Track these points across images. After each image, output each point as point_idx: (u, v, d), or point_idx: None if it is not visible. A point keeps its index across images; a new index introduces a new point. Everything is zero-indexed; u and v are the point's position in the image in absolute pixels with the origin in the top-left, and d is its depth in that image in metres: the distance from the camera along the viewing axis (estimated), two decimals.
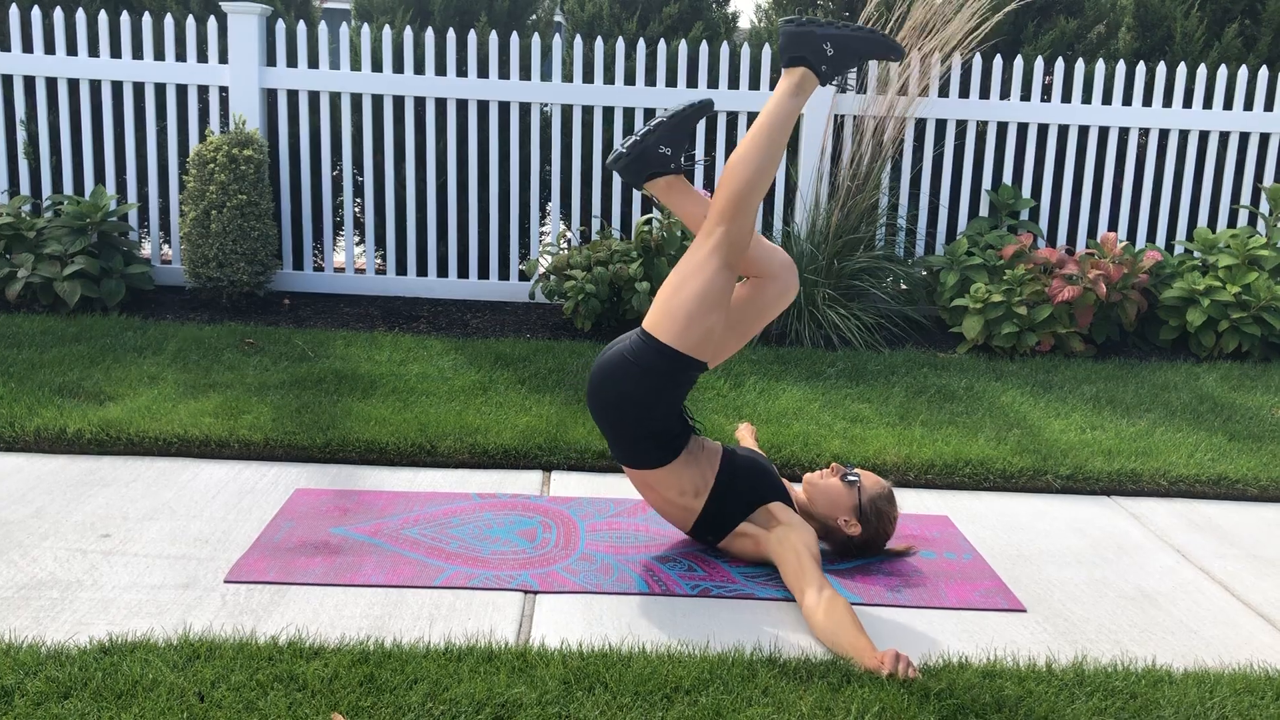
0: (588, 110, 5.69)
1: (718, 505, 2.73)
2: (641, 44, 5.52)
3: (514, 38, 5.48)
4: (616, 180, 5.62)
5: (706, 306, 2.59)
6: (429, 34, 5.45)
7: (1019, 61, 5.60)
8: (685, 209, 2.86)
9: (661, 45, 5.51)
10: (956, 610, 2.61)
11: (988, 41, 5.78)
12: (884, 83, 5.49)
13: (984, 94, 5.76)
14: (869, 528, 2.78)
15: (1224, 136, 5.85)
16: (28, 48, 5.62)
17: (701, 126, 5.59)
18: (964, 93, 5.76)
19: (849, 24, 2.71)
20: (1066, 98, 5.78)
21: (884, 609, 2.60)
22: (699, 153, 5.63)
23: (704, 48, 5.50)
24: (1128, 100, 5.87)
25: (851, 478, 2.79)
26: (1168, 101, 5.87)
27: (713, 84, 5.68)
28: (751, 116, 5.67)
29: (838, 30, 2.68)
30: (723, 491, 2.73)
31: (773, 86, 5.70)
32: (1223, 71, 5.65)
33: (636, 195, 5.66)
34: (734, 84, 5.73)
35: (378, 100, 5.63)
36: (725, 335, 2.76)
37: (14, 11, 5.38)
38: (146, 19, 5.41)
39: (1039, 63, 5.62)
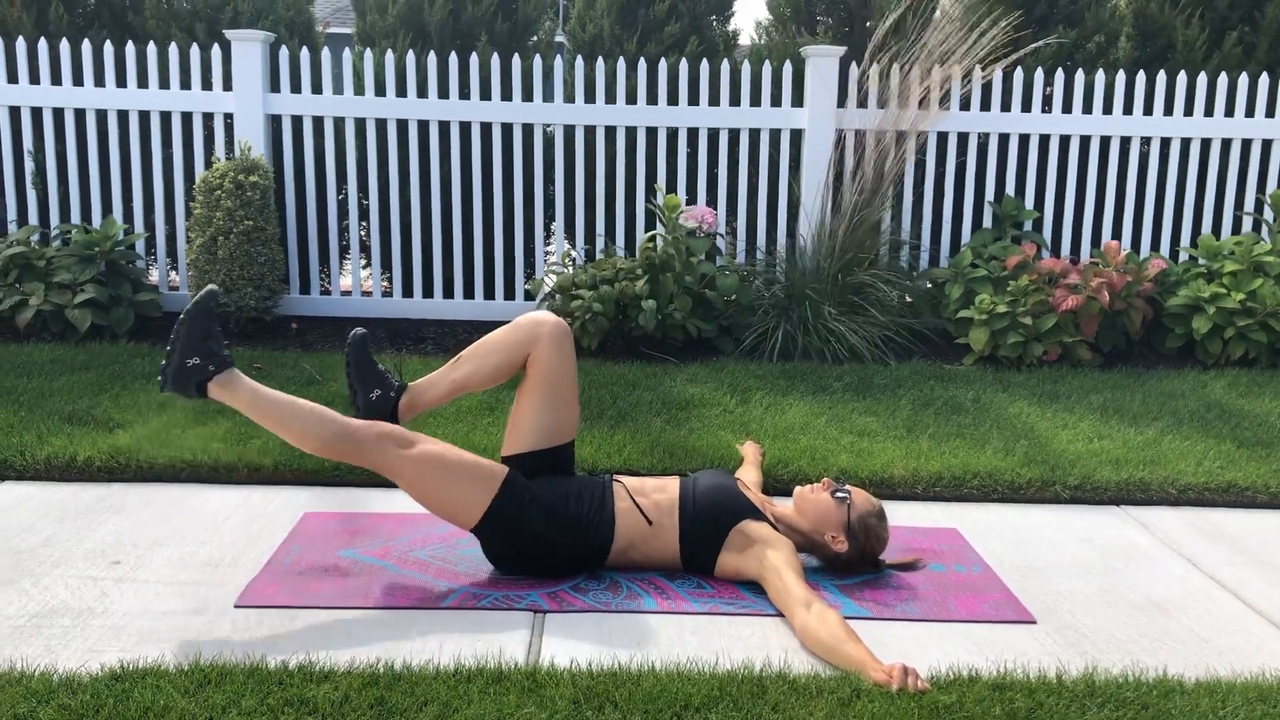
0: (590, 130, 5.72)
1: (690, 539, 2.74)
2: (643, 63, 5.55)
3: (515, 59, 5.51)
4: (620, 198, 5.65)
5: (451, 479, 2.63)
6: (431, 57, 5.49)
7: (1020, 73, 5.62)
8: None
9: (662, 64, 5.54)
10: (966, 623, 2.61)
11: (987, 54, 5.80)
12: (885, 99, 5.51)
13: (985, 106, 5.77)
14: (855, 545, 2.77)
15: (1226, 144, 5.85)
16: (35, 79, 5.67)
17: (703, 141, 5.61)
18: (965, 105, 5.78)
19: (173, 334, 2.63)
20: (1068, 108, 5.79)
21: (893, 622, 2.60)
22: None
23: (704, 65, 5.53)
24: (1129, 109, 5.88)
25: (841, 494, 2.79)
26: (1169, 110, 5.88)
27: (714, 101, 5.70)
28: (753, 134, 5.69)
29: (173, 345, 2.62)
30: (689, 525, 2.74)
31: (774, 103, 5.73)
32: (1223, 79, 5.66)
33: (640, 213, 5.68)
34: (734, 101, 5.75)
35: (381, 124, 5.67)
36: (559, 412, 2.81)
37: (20, 44, 5.43)
38: (151, 48, 5.46)
39: (1039, 74, 5.64)
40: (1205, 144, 5.85)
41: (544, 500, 2.71)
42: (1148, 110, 5.88)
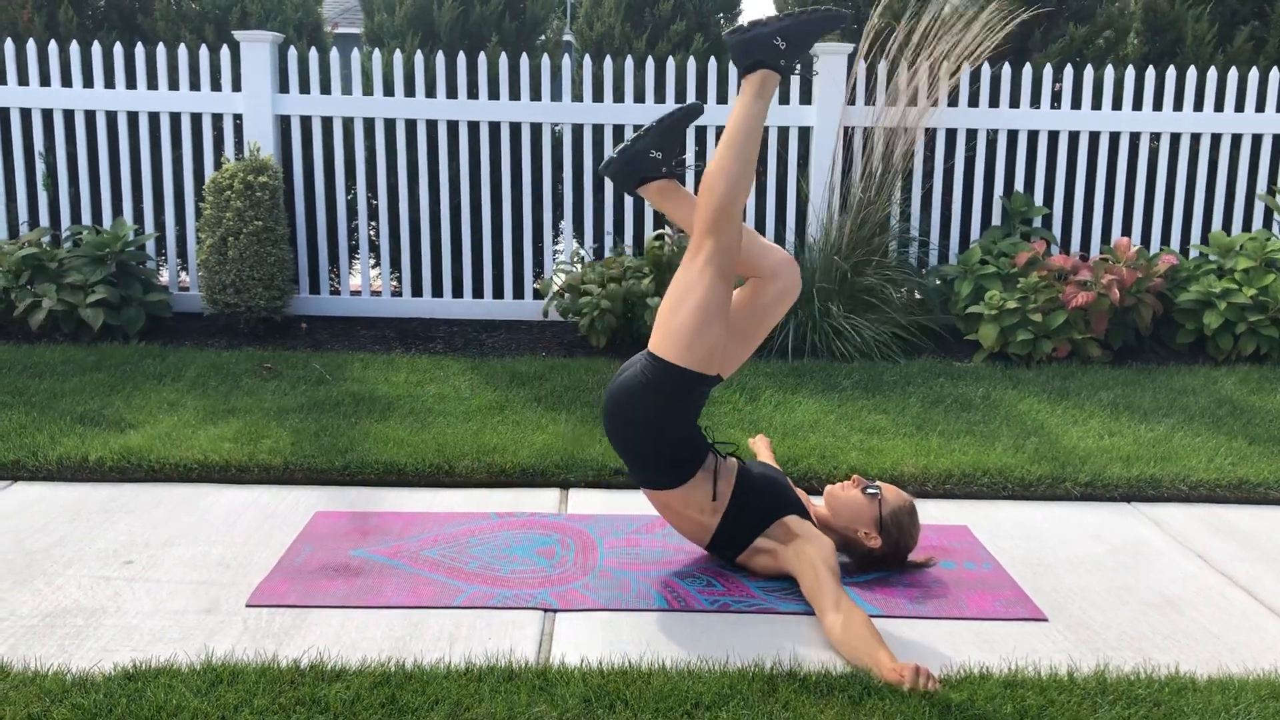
0: (598, 129, 5.72)
1: (734, 521, 2.74)
2: (650, 62, 5.55)
3: (523, 59, 5.52)
4: (628, 197, 5.65)
5: (707, 320, 2.59)
6: (439, 57, 5.49)
7: (1028, 69, 5.60)
8: (678, 213, 2.88)
9: (670, 63, 5.54)
10: (977, 620, 2.61)
11: (996, 50, 5.78)
12: (894, 94, 5.50)
13: (994, 102, 5.76)
14: (889, 540, 2.77)
15: (1236, 139, 5.83)
16: (45, 81, 5.70)
17: (711, 139, 5.61)
18: (974, 102, 5.76)
19: (789, 13, 2.73)
20: (1077, 104, 5.77)
21: (905, 620, 2.59)
22: (690, 157, 5.65)
23: (713, 63, 5.53)
24: (1138, 105, 5.86)
25: (872, 490, 2.79)
26: (1178, 105, 5.85)
27: (721, 99, 5.70)
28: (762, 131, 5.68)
29: (782, 23, 2.70)
30: (738, 507, 2.73)
31: (782, 100, 5.72)
32: (1233, 74, 5.64)
33: (648, 212, 5.68)
34: None
35: (390, 124, 5.68)
36: (732, 344, 2.75)
37: (31, 46, 5.45)
38: (160, 49, 5.48)
39: (1048, 70, 5.62)
40: (1215, 139, 5.82)
41: (689, 412, 2.68)
42: (1157, 106, 5.86)
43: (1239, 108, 5.82)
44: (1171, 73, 5.63)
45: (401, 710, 2.08)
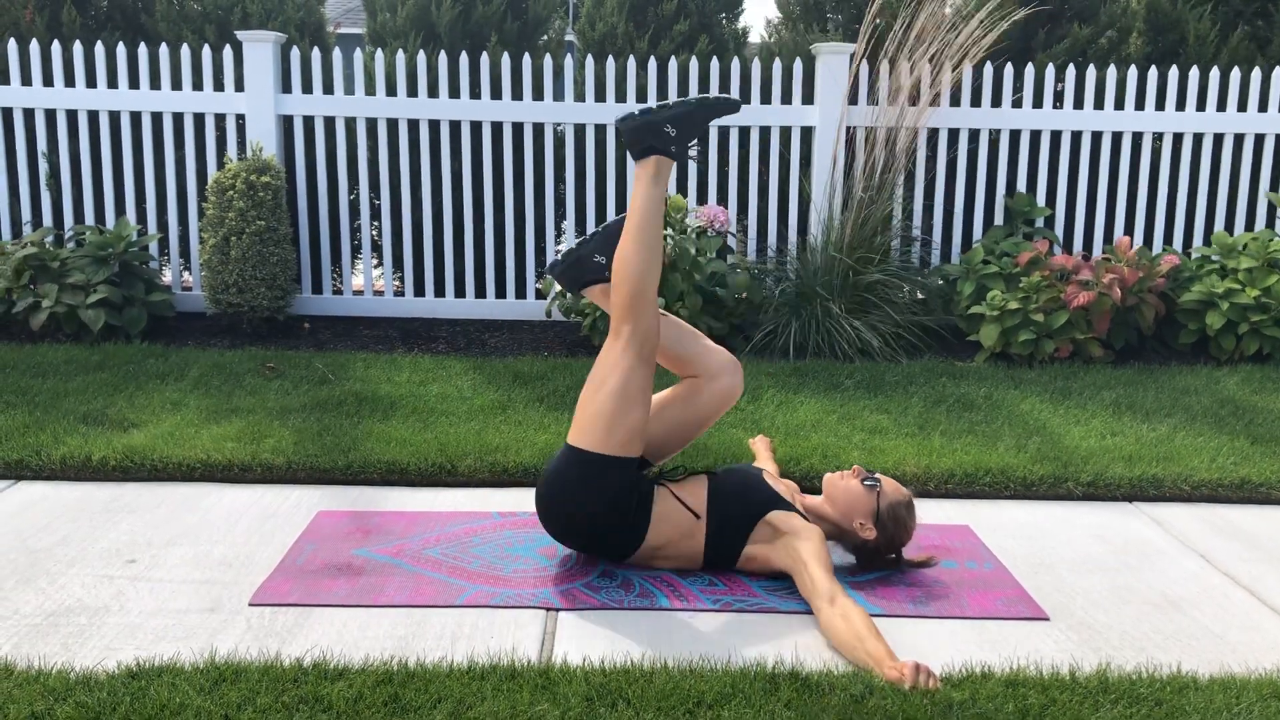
0: (600, 129, 5.73)
1: (719, 534, 2.74)
2: (653, 62, 5.55)
3: (526, 59, 5.52)
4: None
5: (626, 405, 2.63)
6: (442, 57, 5.50)
7: (1030, 69, 5.60)
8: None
9: (672, 63, 5.54)
10: (979, 620, 2.61)
11: (998, 49, 5.78)
12: (895, 93, 5.50)
13: (996, 102, 5.76)
14: (884, 533, 2.77)
15: (1238, 139, 5.83)
16: (48, 81, 5.71)
17: (714, 139, 5.61)
18: (975, 102, 5.76)
19: (681, 100, 2.77)
20: (1079, 104, 5.77)
21: (906, 619, 2.59)
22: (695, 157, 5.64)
23: (714, 64, 5.53)
24: (1140, 105, 5.86)
25: (871, 482, 2.79)
26: (1181, 105, 5.85)
27: None
28: (763, 132, 5.69)
29: (673, 110, 2.75)
30: (719, 519, 2.74)
31: (784, 100, 5.72)
32: (1235, 74, 5.64)
33: None
34: (745, 99, 5.74)
35: (392, 124, 5.68)
36: (666, 435, 2.82)
37: (34, 46, 5.46)
38: (163, 49, 5.49)
39: (1050, 70, 5.62)
40: (1218, 139, 5.82)
41: (624, 496, 2.70)
42: (1160, 105, 5.86)
43: (1241, 108, 5.82)
44: (1174, 73, 5.63)
45: (404, 709, 2.08)
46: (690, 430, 2.86)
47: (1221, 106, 5.83)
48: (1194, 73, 5.64)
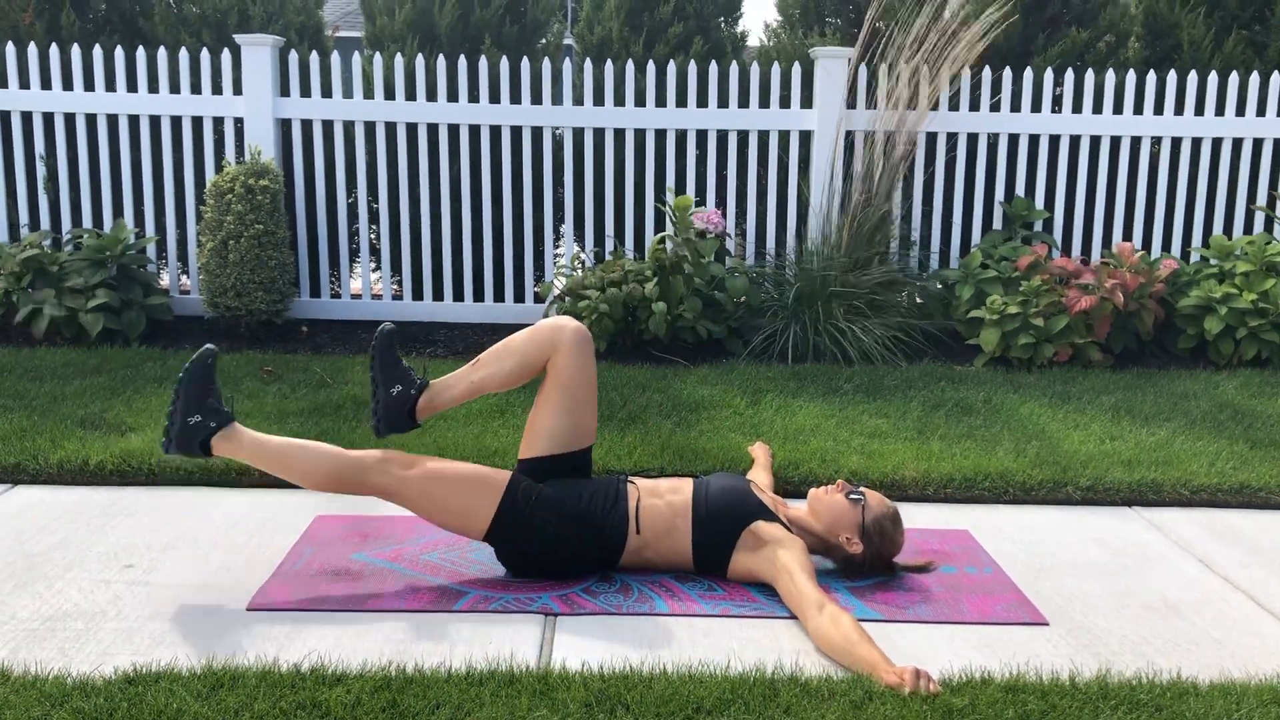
0: (599, 133, 5.73)
1: (706, 537, 2.74)
2: (651, 65, 5.55)
3: (524, 63, 5.52)
4: (630, 201, 5.65)
5: (454, 492, 2.67)
6: (440, 61, 5.50)
7: (1029, 73, 5.61)
8: (457, 394, 2.87)
9: (671, 66, 5.54)
10: (978, 625, 2.60)
11: (997, 53, 5.79)
12: (895, 100, 5.50)
13: (994, 106, 5.77)
14: (870, 546, 2.77)
15: (1237, 143, 5.83)
16: (46, 84, 5.70)
17: (712, 143, 5.61)
18: (974, 105, 5.77)
19: (175, 393, 2.70)
20: (1077, 108, 5.78)
21: (905, 624, 2.59)
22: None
23: (713, 67, 5.53)
24: (1139, 109, 5.86)
25: (855, 496, 2.78)
26: (1179, 109, 5.85)
27: (722, 103, 5.70)
28: (762, 136, 5.69)
29: (175, 406, 2.69)
30: (706, 523, 2.74)
31: (783, 104, 5.72)
32: (1234, 78, 5.64)
33: (650, 215, 5.68)
34: (744, 102, 5.75)
35: (391, 127, 5.68)
36: (579, 417, 2.81)
37: (32, 49, 5.46)
38: (161, 53, 5.49)
39: (1049, 74, 5.63)
40: (1216, 143, 5.82)
41: (553, 499, 2.71)
42: (1158, 110, 5.86)
43: (1239, 112, 5.82)
44: (1172, 77, 5.63)
45: (402, 714, 2.07)
46: (588, 397, 2.84)
47: (1219, 111, 5.83)
48: (1192, 77, 5.64)
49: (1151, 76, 5.64)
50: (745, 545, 2.72)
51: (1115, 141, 5.82)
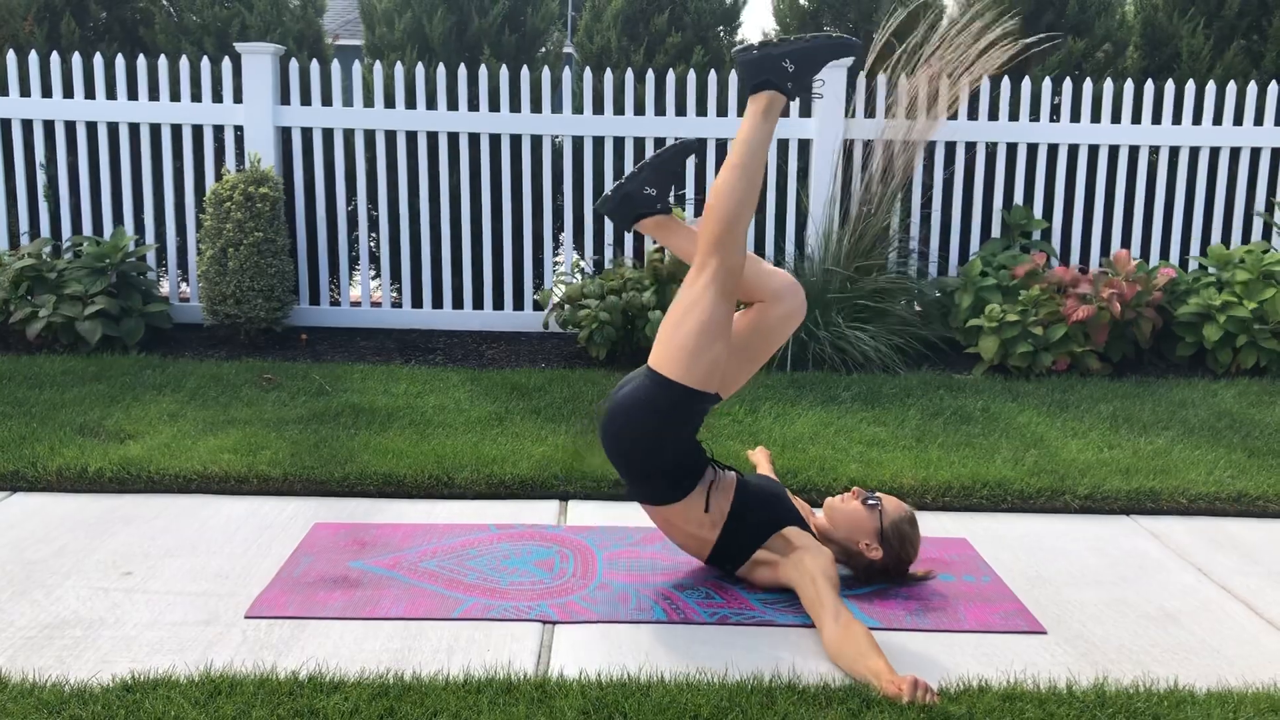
0: (598, 141, 5.74)
1: (733, 534, 2.74)
2: (650, 74, 5.57)
3: (524, 71, 5.54)
4: None
5: (709, 338, 2.60)
6: (440, 70, 5.51)
7: (1028, 82, 5.62)
8: (678, 245, 2.89)
9: (670, 75, 5.56)
10: (976, 633, 2.60)
11: (1000, 66, 5.80)
12: (893, 109, 5.51)
13: (993, 115, 5.78)
14: (890, 551, 2.77)
15: (1235, 152, 5.84)
16: (47, 92, 5.71)
17: (712, 152, 5.62)
18: (973, 115, 5.78)
19: (800, 36, 2.75)
20: (1076, 117, 5.79)
21: (903, 633, 2.59)
22: (690, 190, 5.66)
23: (713, 75, 5.55)
24: (1137, 119, 5.88)
25: (872, 501, 2.79)
26: (1177, 119, 5.87)
27: (722, 111, 5.72)
28: None
29: (793, 45, 2.73)
30: (737, 520, 2.74)
31: (782, 113, 5.72)
32: (1232, 87, 5.66)
33: None
34: (742, 111, 5.75)
35: (390, 136, 5.69)
36: (735, 365, 2.76)
37: (33, 57, 5.47)
38: (162, 61, 5.50)
39: (1047, 83, 5.64)
40: (1215, 152, 5.84)
41: (687, 429, 2.68)
42: (1156, 119, 5.88)
43: (1237, 121, 5.84)
44: (1170, 86, 5.65)
45: None
46: (761, 353, 2.80)
47: (1218, 120, 5.85)
48: (1190, 86, 5.66)
49: (1150, 86, 5.65)
50: (773, 546, 2.72)
51: (1114, 150, 5.84)
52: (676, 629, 2.58)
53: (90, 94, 5.71)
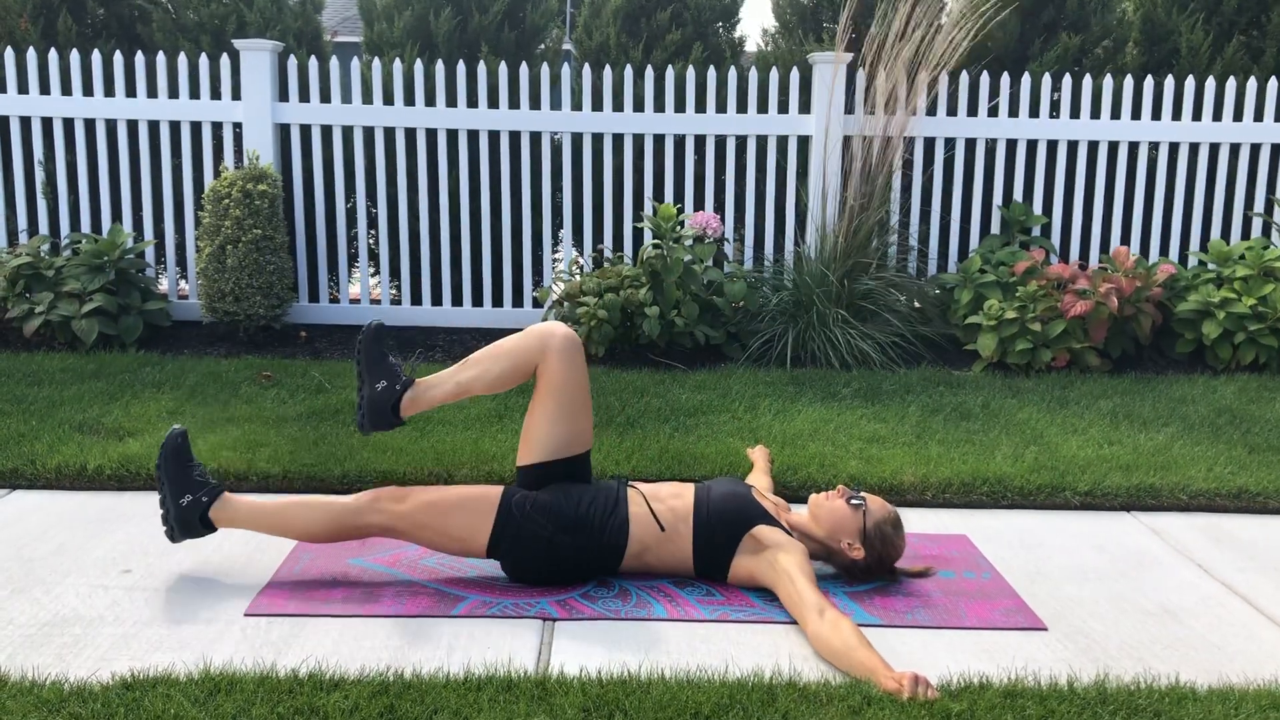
0: (598, 138, 5.73)
1: (706, 543, 2.74)
2: (650, 71, 5.56)
3: (523, 68, 5.53)
4: (628, 207, 5.66)
5: (449, 517, 2.70)
6: (439, 66, 5.50)
7: (1027, 77, 5.62)
8: (443, 394, 2.87)
9: (669, 72, 5.55)
10: (976, 630, 2.60)
11: (994, 58, 5.79)
12: (892, 105, 5.51)
13: (993, 111, 5.78)
14: (872, 552, 2.77)
15: (1234, 148, 5.84)
16: (44, 90, 5.70)
17: (710, 148, 5.62)
18: (972, 110, 5.77)
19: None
20: (1075, 113, 5.79)
21: (903, 630, 2.59)
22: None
23: (711, 72, 5.54)
24: (1136, 114, 5.87)
25: (856, 501, 2.78)
26: (1177, 114, 5.87)
27: (720, 108, 5.71)
28: (760, 141, 5.70)
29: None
30: (706, 529, 2.74)
31: (781, 109, 5.73)
32: (1231, 83, 5.66)
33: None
34: (742, 107, 5.75)
35: (389, 133, 5.69)
36: (578, 423, 2.81)
37: (30, 54, 5.46)
38: (160, 58, 5.49)
39: (1047, 79, 5.63)
40: (1214, 148, 5.84)
41: (549, 505, 2.71)
42: (1156, 115, 5.88)
43: (1237, 117, 5.83)
44: (1170, 82, 5.64)
45: (400, 719, 2.07)
46: (582, 397, 2.83)
47: (1217, 116, 5.84)
48: (1190, 82, 5.65)
49: (1149, 81, 5.65)
50: (746, 549, 2.71)
51: (1113, 146, 5.84)
52: (677, 626, 2.57)
53: (88, 91, 5.70)
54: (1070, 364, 5.11)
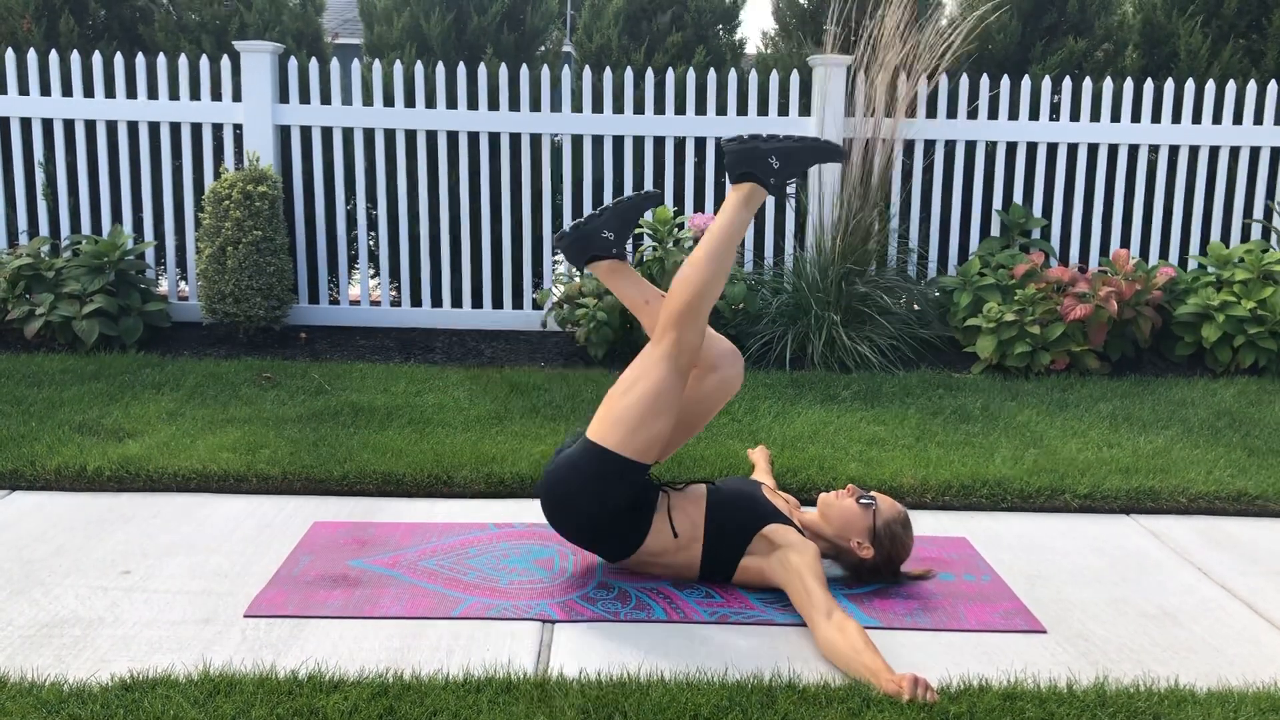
0: (598, 140, 5.73)
1: (716, 546, 2.74)
2: (650, 73, 5.56)
3: (523, 70, 5.53)
4: None
5: (654, 411, 2.62)
6: (439, 68, 5.50)
7: (1027, 80, 5.62)
8: (625, 292, 2.90)
9: (670, 74, 5.56)
10: (976, 632, 2.60)
11: (995, 61, 5.80)
12: (892, 108, 5.51)
13: (993, 114, 5.78)
14: (881, 551, 2.77)
15: (1234, 151, 5.84)
16: (45, 91, 5.70)
17: (711, 150, 5.62)
18: (973, 113, 5.78)
19: (790, 136, 2.78)
20: (1075, 116, 5.79)
21: (903, 632, 2.59)
22: (690, 186, 5.65)
23: (712, 75, 5.54)
24: (1136, 117, 5.88)
25: (866, 500, 2.78)
26: (1176, 118, 5.87)
27: (721, 110, 5.71)
28: None
29: (780, 144, 2.75)
30: (716, 532, 2.74)
31: (781, 112, 5.74)
32: (1231, 86, 5.66)
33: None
34: (742, 110, 5.76)
35: (390, 134, 5.69)
36: (677, 430, 2.81)
37: (31, 55, 5.46)
38: (161, 59, 5.49)
39: (1047, 81, 5.64)
40: (1214, 151, 5.84)
41: (626, 493, 2.69)
42: (1156, 118, 5.88)
43: (1237, 120, 5.84)
44: (1169, 85, 5.64)
45: None
46: (697, 421, 2.83)
47: (1217, 119, 5.85)
48: (1190, 85, 5.66)
49: (1149, 85, 5.65)
50: (756, 550, 2.72)
51: (1113, 149, 5.84)
52: (676, 628, 2.58)
53: (89, 92, 5.70)
54: (1070, 366, 5.11)
